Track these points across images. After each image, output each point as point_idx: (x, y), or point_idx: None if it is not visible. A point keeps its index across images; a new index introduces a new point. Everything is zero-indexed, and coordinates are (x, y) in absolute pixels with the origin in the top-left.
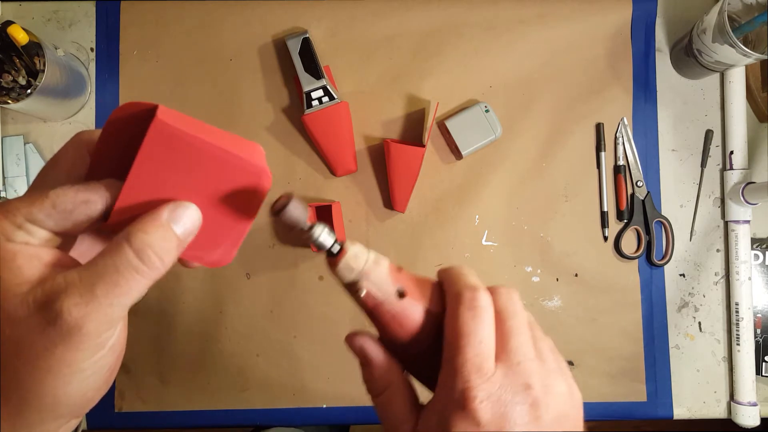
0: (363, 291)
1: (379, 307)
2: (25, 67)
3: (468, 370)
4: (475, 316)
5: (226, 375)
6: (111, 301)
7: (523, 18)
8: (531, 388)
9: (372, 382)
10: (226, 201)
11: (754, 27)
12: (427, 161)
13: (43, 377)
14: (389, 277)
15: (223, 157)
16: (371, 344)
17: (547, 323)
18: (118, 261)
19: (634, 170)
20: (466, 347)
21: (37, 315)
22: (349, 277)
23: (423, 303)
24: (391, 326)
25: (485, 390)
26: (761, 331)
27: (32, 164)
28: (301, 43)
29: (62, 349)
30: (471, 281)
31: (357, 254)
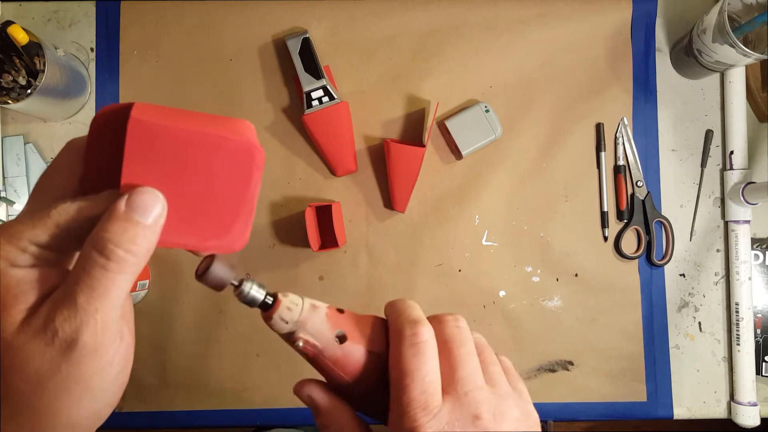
0: (300, 342)
1: (320, 355)
2: (25, 67)
3: (414, 408)
4: (417, 353)
5: (226, 375)
6: (95, 307)
7: (523, 18)
8: (480, 419)
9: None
10: (225, 183)
11: (754, 27)
12: (427, 161)
13: (53, 399)
14: (327, 324)
15: (208, 140)
16: (318, 391)
17: (547, 323)
18: (87, 265)
19: (634, 170)
20: (410, 386)
21: (37, 339)
22: (285, 329)
23: (365, 344)
24: (335, 372)
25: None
26: (761, 331)
27: (32, 164)
28: (301, 43)
29: (67, 367)
30: (413, 315)
31: (290, 305)
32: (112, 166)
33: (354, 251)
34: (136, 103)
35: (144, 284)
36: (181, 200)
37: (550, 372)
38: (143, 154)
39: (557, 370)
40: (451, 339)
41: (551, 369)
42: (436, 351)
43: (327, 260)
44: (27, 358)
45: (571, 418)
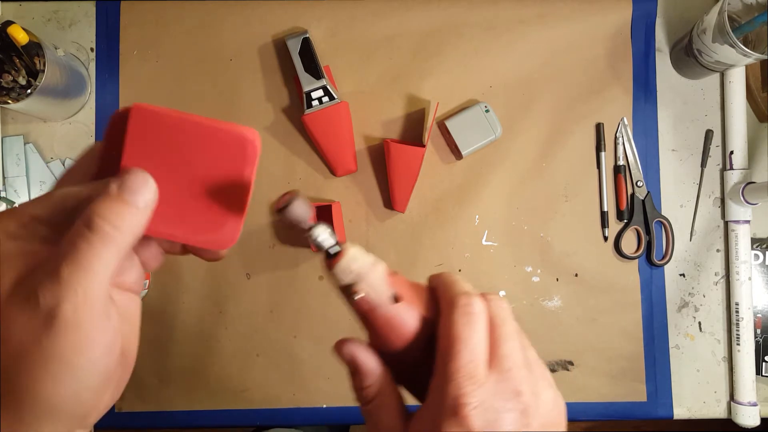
0: (359, 294)
1: (374, 311)
2: (25, 67)
3: (461, 376)
4: (469, 322)
5: (226, 375)
6: (77, 279)
7: (523, 18)
8: (521, 395)
9: (363, 390)
10: (219, 177)
11: (754, 27)
12: (427, 161)
13: (32, 374)
14: (385, 281)
15: (204, 130)
16: (362, 350)
17: (547, 323)
18: (74, 238)
19: (634, 170)
20: (460, 353)
21: (21, 309)
22: (346, 280)
23: (417, 308)
24: (384, 331)
25: (477, 397)
26: (761, 331)
27: (32, 164)
28: (301, 43)
29: (47, 340)
30: (465, 287)
31: (355, 256)
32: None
33: None
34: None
35: (144, 284)
36: (176, 191)
37: (550, 372)
38: (143, 140)
39: (557, 370)
40: (497, 316)
41: (551, 369)
42: (486, 325)
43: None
44: (10, 327)
45: (571, 418)
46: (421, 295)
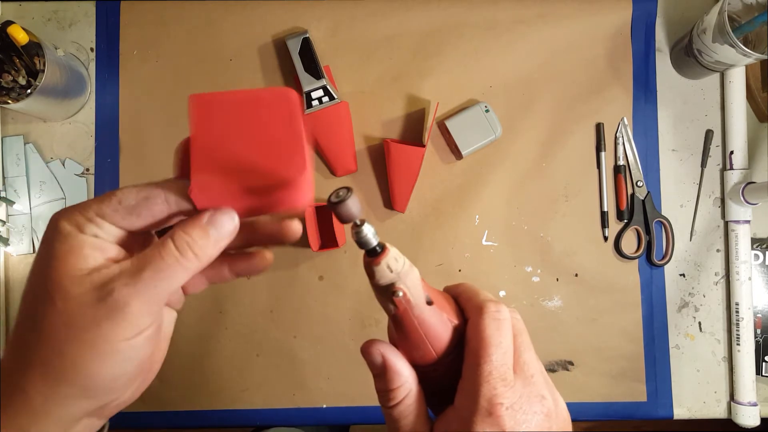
0: (400, 292)
1: (410, 312)
2: (25, 67)
3: (495, 378)
4: (499, 328)
5: (226, 375)
6: (155, 284)
7: (523, 18)
8: (545, 399)
9: (392, 391)
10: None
11: (754, 27)
12: (427, 161)
13: (83, 349)
14: (421, 284)
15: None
16: (392, 351)
17: (547, 323)
18: (163, 252)
19: (634, 170)
20: (492, 356)
21: (92, 293)
22: (387, 278)
23: (447, 313)
24: (418, 332)
25: (510, 398)
26: (761, 331)
27: (32, 164)
28: (301, 43)
29: (107, 325)
30: (491, 296)
31: (397, 257)
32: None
33: (354, 251)
34: None
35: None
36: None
37: (550, 372)
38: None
39: (557, 370)
40: (515, 326)
41: (551, 369)
42: (512, 331)
43: (327, 260)
44: (77, 306)
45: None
46: (448, 303)
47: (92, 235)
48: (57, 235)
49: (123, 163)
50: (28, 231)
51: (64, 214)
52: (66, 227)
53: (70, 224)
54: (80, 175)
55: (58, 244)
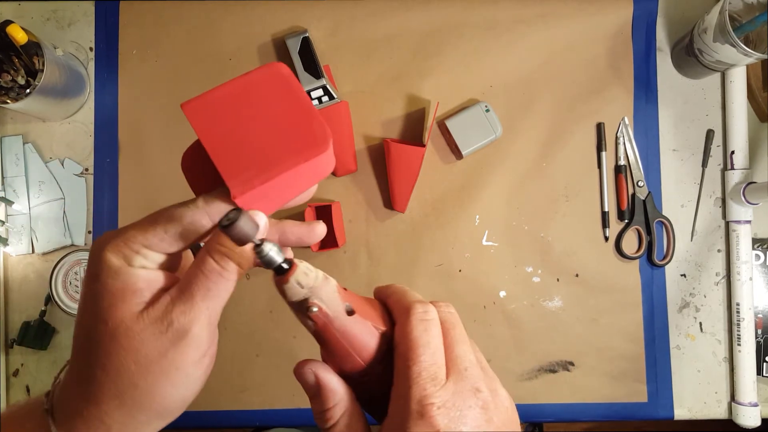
0: (314, 308)
1: (329, 325)
2: (24, 66)
3: (424, 379)
4: (426, 328)
5: (225, 375)
6: (207, 305)
7: (524, 17)
8: (480, 392)
9: (327, 411)
10: (280, 110)
11: (755, 26)
12: (427, 161)
13: (155, 381)
14: (338, 295)
15: (243, 83)
16: (324, 370)
17: (547, 323)
18: (206, 270)
19: (635, 170)
20: (420, 357)
21: (152, 327)
22: (299, 295)
23: (371, 320)
24: (342, 345)
25: (441, 397)
26: (762, 331)
27: (31, 164)
28: (301, 42)
29: (173, 353)
30: (417, 296)
31: (306, 271)
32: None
33: (354, 251)
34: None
35: None
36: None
37: (550, 372)
38: (209, 125)
39: (558, 370)
40: (447, 321)
41: (552, 369)
42: (440, 330)
43: (327, 260)
44: (142, 342)
45: (571, 419)
46: (374, 309)
47: (140, 267)
48: (107, 271)
49: (122, 163)
50: (27, 231)
51: (109, 245)
52: (114, 261)
53: (117, 257)
54: (79, 175)
55: (111, 281)
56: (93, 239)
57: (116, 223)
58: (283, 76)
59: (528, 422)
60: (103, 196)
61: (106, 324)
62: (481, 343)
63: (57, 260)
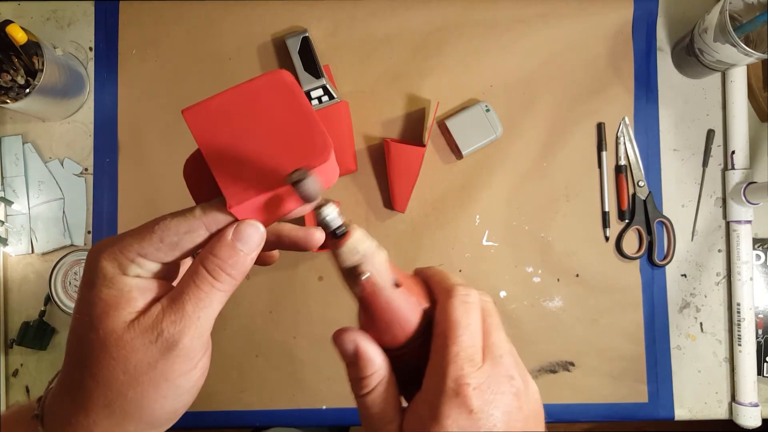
0: (366, 274)
1: (377, 294)
2: (24, 66)
3: (462, 359)
4: (467, 310)
5: (225, 376)
6: (198, 316)
7: (524, 17)
8: (514, 379)
9: (365, 378)
10: (282, 118)
11: (755, 26)
12: (427, 161)
13: (144, 391)
14: (388, 266)
15: (245, 90)
16: (365, 338)
17: (547, 324)
18: (198, 280)
19: (636, 170)
20: (460, 338)
21: (143, 337)
22: (352, 260)
23: (415, 295)
24: (385, 316)
25: (477, 378)
26: (762, 331)
27: (31, 164)
28: (301, 42)
29: (162, 364)
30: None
31: (362, 238)
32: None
33: None
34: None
35: None
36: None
37: (550, 373)
38: (209, 131)
39: (558, 370)
40: (485, 308)
41: (552, 370)
42: (480, 314)
43: (327, 260)
44: (131, 351)
45: (571, 419)
46: (418, 284)
47: (135, 276)
48: (102, 279)
49: (122, 163)
50: (27, 231)
51: (105, 252)
52: (109, 269)
53: (113, 265)
54: (79, 175)
55: (104, 289)
56: (93, 239)
57: (116, 223)
58: (286, 84)
59: None
60: (103, 196)
61: (97, 332)
62: None
63: (56, 260)
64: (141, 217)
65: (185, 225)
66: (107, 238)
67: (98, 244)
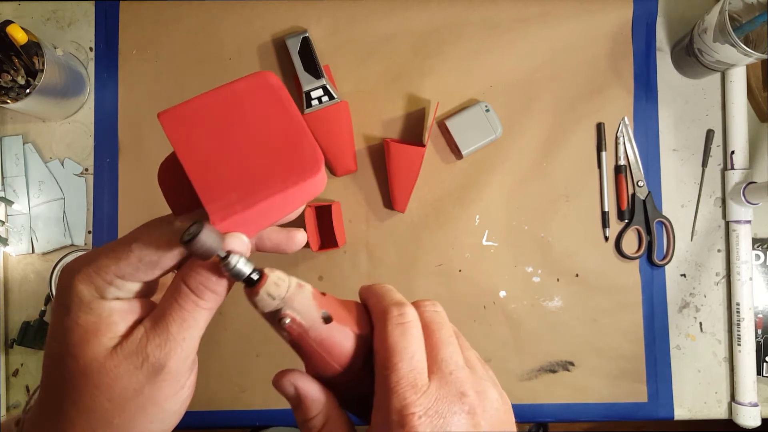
0: (287, 319)
1: (305, 335)
2: (24, 66)
3: (403, 387)
4: (404, 332)
5: (225, 376)
6: (183, 336)
7: (524, 17)
8: (466, 396)
9: (309, 420)
10: (268, 124)
11: (754, 26)
12: (427, 161)
13: (132, 417)
14: (313, 303)
15: (228, 93)
16: (304, 379)
17: (547, 324)
18: (181, 300)
19: (635, 170)
20: (399, 364)
21: (127, 362)
22: (271, 306)
23: (350, 326)
24: (319, 354)
25: (422, 405)
26: (762, 331)
27: (31, 164)
28: (301, 42)
29: (149, 389)
30: (396, 297)
31: (277, 281)
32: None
33: (354, 251)
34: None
35: None
36: (242, 161)
37: (550, 372)
38: (188, 138)
39: (558, 370)
40: (432, 322)
41: (552, 369)
42: (421, 332)
43: (327, 260)
44: (116, 379)
45: (571, 419)
46: (353, 312)
47: (114, 298)
48: (79, 304)
49: (122, 163)
50: (27, 231)
51: (79, 275)
52: (85, 294)
53: (89, 289)
54: (79, 175)
55: (82, 314)
56: (93, 239)
57: (116, 223)
58: (272, 87)
59: (534, 422)
60: (103, 196)
61: (77, 361)
62: (481, 343)
63: (57, 260)
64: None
65: (165, 242)
66: (79, 257)
67: (70, 265)
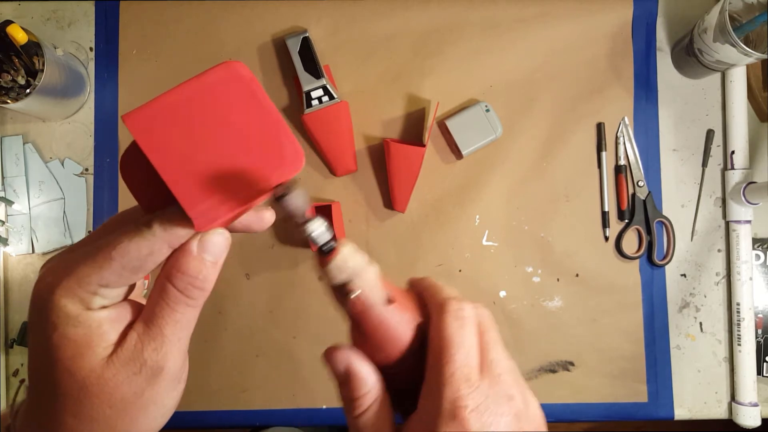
0: (356, 291)
1: (368, 312)
2: (24, 66)
3: (458, 379)
4: (462, 326)
5: (225, 375)
6: (178, 336)
7: (524, 17)
8: (513, 400)
9: (357, 399)
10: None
11: (755, 26)
12: (427, 161)
13: (134, 419)
14: (379, 282)
15: (196, 88)
16: (357, 357)
17: (547, 323)
18: (170, 301)
19: (635, 170)
20: (454, 356)
21: (124, 370)
22: (341, 277)
23: (409, 311)
24: (377, 334)
25: (474, 400)
26: (762, 331)
27: (31, 164)
28: (301, 42)
29: (149, 391)
30: (453, 292)
31: (351, 254)
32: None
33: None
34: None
35: (144, 284)
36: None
37: (550, 372)
38: (159, 140)
39: (558, 370)
40: (482, 322)
41: (552, 369)
42: (477, 329)
43: None
44: (116, 387)
45: (571, 419)
46: (411, 299)
47: (101, 308)
48: (65, 319)
49: None
50: (27, 231)
51: (59, 289)
52: (71, 308)
53: (73, 302)
54: (79, 175)
55: (72, 329)
56: None
57: None
58: (242, 79)
59: None
60: (103, 196)
61: (74, 375)
62: None
63: None
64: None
65: (146, 247)
66: (50, 266)
67: (47, 277)
